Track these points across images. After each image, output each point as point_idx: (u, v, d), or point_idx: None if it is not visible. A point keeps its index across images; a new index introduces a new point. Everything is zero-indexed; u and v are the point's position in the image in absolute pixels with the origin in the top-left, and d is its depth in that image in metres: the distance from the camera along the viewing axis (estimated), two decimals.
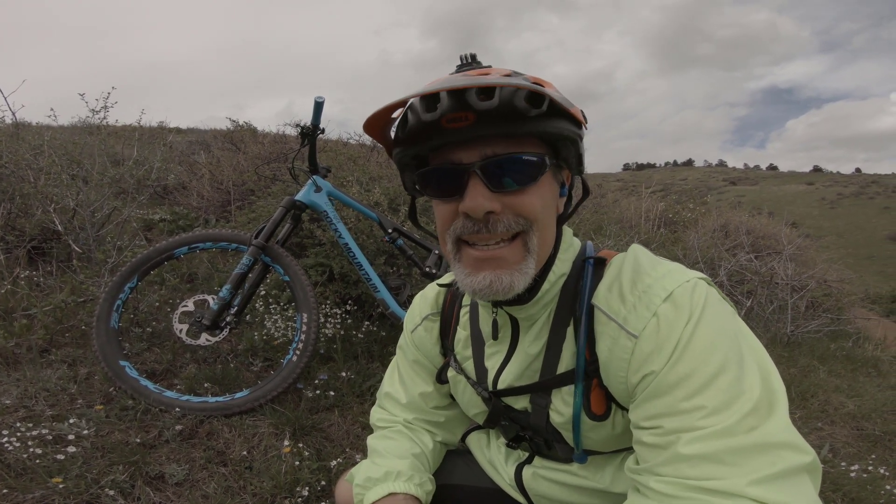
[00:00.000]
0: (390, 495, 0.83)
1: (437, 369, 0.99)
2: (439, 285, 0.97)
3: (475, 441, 1.05)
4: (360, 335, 2.60)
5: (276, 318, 2.61)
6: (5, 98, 3.33)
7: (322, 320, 2.58)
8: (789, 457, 0.58)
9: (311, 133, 2.09)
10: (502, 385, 0.85)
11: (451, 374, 0.95)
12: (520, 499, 0.95)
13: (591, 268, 0.78)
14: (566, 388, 0.78)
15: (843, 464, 2.17)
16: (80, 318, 2.42)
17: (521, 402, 0.85)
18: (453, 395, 0.99)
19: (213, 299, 2.10)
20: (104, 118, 3.50)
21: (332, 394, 2.15)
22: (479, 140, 0.67)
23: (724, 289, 4.75)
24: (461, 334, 0.93)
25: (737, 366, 0.62)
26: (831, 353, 3.89)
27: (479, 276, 0.70)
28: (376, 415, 1.04)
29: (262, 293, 2.79)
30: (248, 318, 2.62)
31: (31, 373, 2.00)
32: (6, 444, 1.58)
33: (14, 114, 3.46)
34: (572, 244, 0.81)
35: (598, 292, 0.74)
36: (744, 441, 0.58)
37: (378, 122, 0.70)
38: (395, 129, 0.73)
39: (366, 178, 3.30)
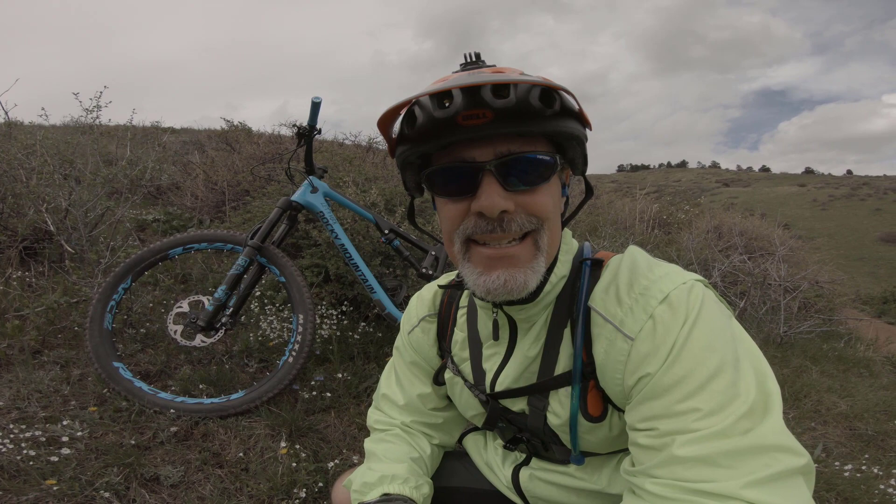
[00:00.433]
0: (385, 496, 0.82)
1: (435, 371, 0.98)
2: (439, 286, 0.97)
3: (472, 443, 1.05)
4: (356, 336, 2.59)
5: (271, 319, 2.60)
6: None
7: (318, 321, 2.58)
8: (784, 459, 0.58)
9: (307, 133, 2.08)
10: (500, 387, 0.85)
11: (449, 375, 0.95)
12: (517, 501, 0.95)
13: (589, 269, 0.78)
14: (563, 390, 0.78)
15: (836, 464, 2.19)
16: (73, 319, 2.40)
17: (518, 404, 0.85)
18: (450, 397, 0.98)
19: (208, 300, 2.08)
20: (97, 118, 3.48)
21: (328, 395, 2.14)
22: (494, 138, 0.66)
23: (717, 289, 4.78)
24: (458, 336, 0.93)
25: (732, 368, 0.62)
26: (823, 353, 3.93)
27: (492, 276, 0.69)
28: (373, 417, 1.03)
29: (258, 294, 2.78)
30: (243, 319, 2.61)
31: (24, 374, 1.98)
32: None
33: (6, 113, 3.43)
34: (571, 246, 0.82)
35: (594, 294, 0.75)
36: (739, 443, 0.58)
37: (390, 120, 0.69)
38: (398, 126, 0.72)
39: (362, 179, 3.30)
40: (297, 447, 1.81)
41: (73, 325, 2.37)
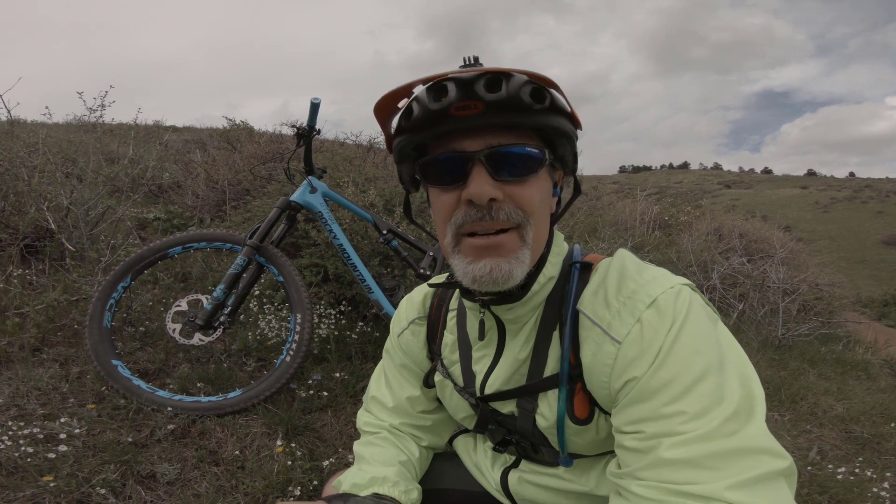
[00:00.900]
0: (375, 496, 0.83)
1: (424, 373, 0.99)
2: (430, 285, 0.97)
3: (462, 445, 1.05)
4: (353, 336, 2.60)
5: (270, 318, 2.61)
6: (0, 96, 3.31)
7: (316, 321, 2.59)
8: (767, 461, 0.59)
9: (306, 134, 2.09)
10: (490, 389, 0.85)
11: (438, 378, 0.95)
12: (506, 503, 0.96)
13: (578, 272, 0.79)
14: (551, 392, 0.79)
15: (830, 466, 2.20)
16: (73, 316, 2.41)
17: (508, 407, 0.85)
18: (440, 400, 0.99)
19: (206, 299, 2.10)
20: (101, 116, 3.49)
21: (325, 394, 2.15)
22: (485, 129, 0.68)
23: (716, 292, 4.78)
24: (448, 338, 0.93)
25: (718, 372, 0.63)
26: (822, 356, 3.93)
27: (479, 264, 0.71)
28: (363, 418, 1.04)
29: (257, 293, 2.79)
30: (241, 318, 2.62)
31: (23, 371, 1.99)
32: None
33: (9, 111, 3.45)
34: (561, 248, 0.82)
35: (583, 297, 0.75)
36: (723, 446, 0.59)
37: (385, 107, 0.72)
38: (397, 119, 0.74)
39: (361, 179, 3.31)
40: (293, 445, 1.82)
41: (72, 323, 2.38)
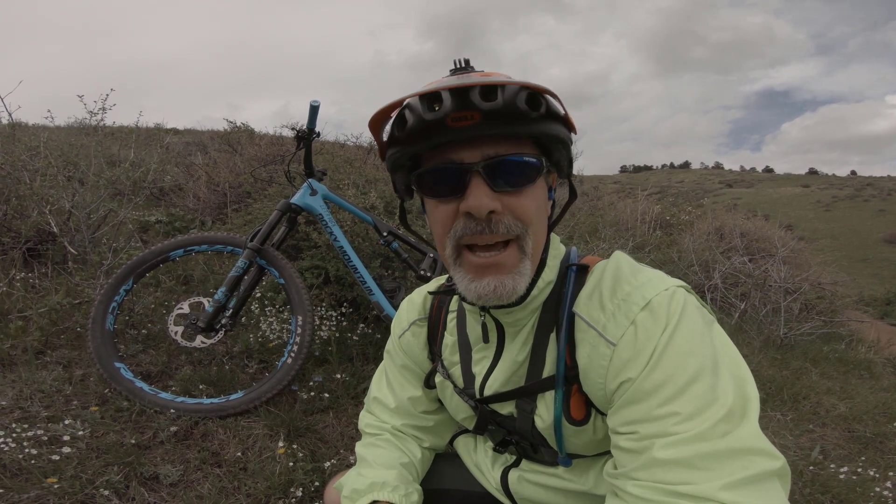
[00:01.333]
0: (374, 503, 0.83)
1: (425, 374, 0.99)
2: (430, 293, 0.98)
3: (463, 445, 1.06)
4: (354, 337, 2.61)
5: (271, 320, 2.62)
6: (2, 99, 3.32)
7: (317, 323, 2.60)
8: (760, 462, 0.59)
9: (306, 136, 2.10)
10: (489, 391, 0.86)
11: (439, 379, 0.96)
12: (505, 502, 0.96)
13: (574, 275, 0.79)
14: (549, 394, 0.80)
15: (832, 466, 2.19)
16: (76, 319, 2.42)
17: (506, 408, 0.86)
18: (441, 400, 1.00)
19: (208, 302, 2.11)
20: (101, 119, 3.51)
21: (326, 396, 2.16)
22: (482, 140, 0.68)
23: (718, 291, 4.78)
24: (448, 340, 0.94)
25: (711, 373, 0.64)
26: (824, 355, 3.92)
27: (483, 282, 0.71)
28: (364, 420, 1.04)
29: (258, 295, 2.80)
30: (243, 320, 2.63)
31: (27, 374, 2.01)
32: (2, 445, 1.58)
33: (10, 115, 3.46)
34: (558, 251, 0.83)
35: (579, 300, 0.76)
36: (716, 446, 0.59)
37: (380, 120, 0.71)
38: (388, 128, 0.73)
39: (362, 181, 3.32)
40: (295, 447, 1.83)
41: (75, 325, 2.40)
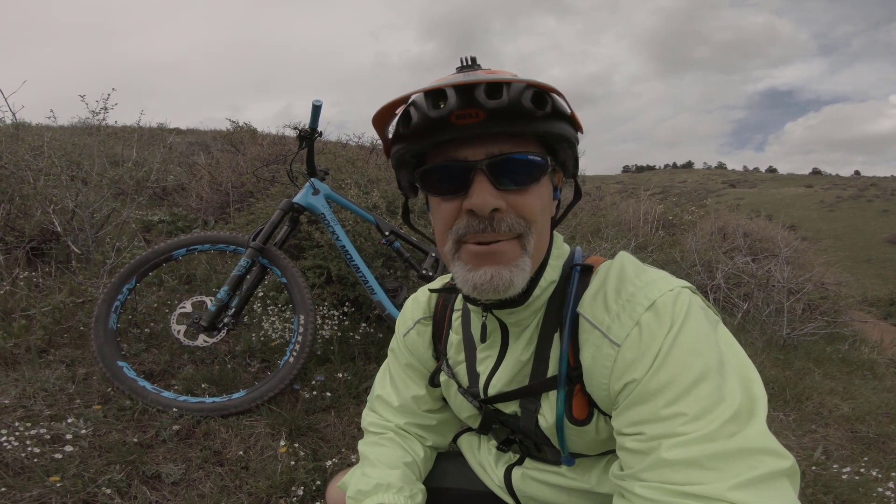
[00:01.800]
0: None
1: (430, 373, 0.99)
2: (430, 290, 0.97)
3: (466, 443, 1.06)
4: (357, 337, 2.61)
5: (273, 319, 2.63)
6: (6, 99, 3.34)
7: (319, 322, 2.60)
8: (769, 461, 0.59)
9: (308, 136, 2.11)
10: (493, 391, 0.86)
11: (444, 378, 0.96)
12: (508, 500, 0.96)
13: (578, 275, 0.79)
14: (552, 393, 0.79)
15: (835, 466, 2.19)
16: (79, 318, 2.43)
17: (510, 407, 0.86)
18: (446, 399, 0.99)
19: (210, 301, 2.11)
20: (104, 119, 3.52)
21: (328, 395, 2.16)
22: (486, 138, 0.67)
23: (721, 291, 4.76)
24: (453, 338, 0.94)
25: (717, 373, 0.63)
26: (827, 355, 3.90)
27: (479, 272, 0.70)
28: (368, 418, 1.04)
29: (260, 295, 2.81)
30: (245, 319, 2.63)
31: (30, 373, 2.01)
32: (4, 443, 1.59)
33: (14, 114, 3.48)
34: (562, 251, 0.82)
35: (583, 300, 0.75)
36: (724, 446, 0.59)
37: (384, 117, 0.70)
38: (394, 125, 0.73)
39: (364, 181, 3.32)
40: (297, 446, 1.83)
41: (78, 324, 2.40)
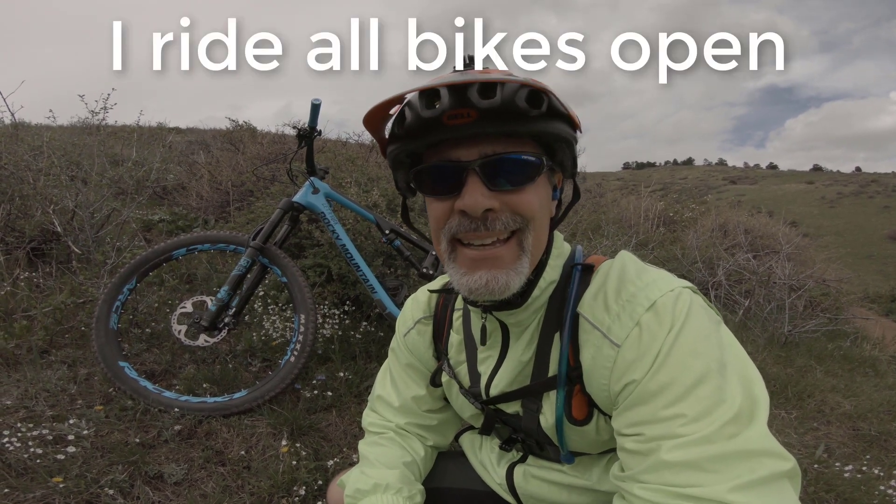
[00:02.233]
0: None
1: (431, 373, 0.99)
2: (430, 291, 0.97)
3: (468, 442, 1.05)
4: (357, 335, 2.61)
5: (274, 318, 2.63)
6: (4, 99, 3.33)
7: (320, 321, 2.60)
8: (770, 463, 0.58)
9: (308, 135, 2.10)
10: (494, 390, 0.85)
11: (445, 378, 0.95)
12: (509, 499, 0.96)
13: (579, 275, 0.78)
14: (553, 393, 0.79)
15: (836, 464, 2.18)
16: (80, 319, 2.43)
17: (512, 407, 0.86)
18: (448, 398, 0.99)
19: (211, 300, 2.11)
20: (103, 119, 3.52)
21: (329, 394, 2.16)
22: (479, 138, 0.66)
23: (722, 288, 4.76)
24: (454, 338, 0.93)
25: (718, 374, 0.63)
26: (829, 352, 3.90)
27: (475, 276, 0.70)
28: (368, 418, 1.04)
29: (261, 294, 2.80)
30: (246, 318, 2.63)
31: (32, 373, 2.01)
32: (7, 445, 1.59)
33: (13, 114, 3.47)
34: (562, 250, 0.82)
35: (583, 300, 0.75)
36: (724, 448, 0.58)
37: (376, 117, 0.70)
38: (390, 125, 0.73)
39: (364, 179, 3.31)
40: (298, 445, 1.83)
41: (80, 325, 2.40)
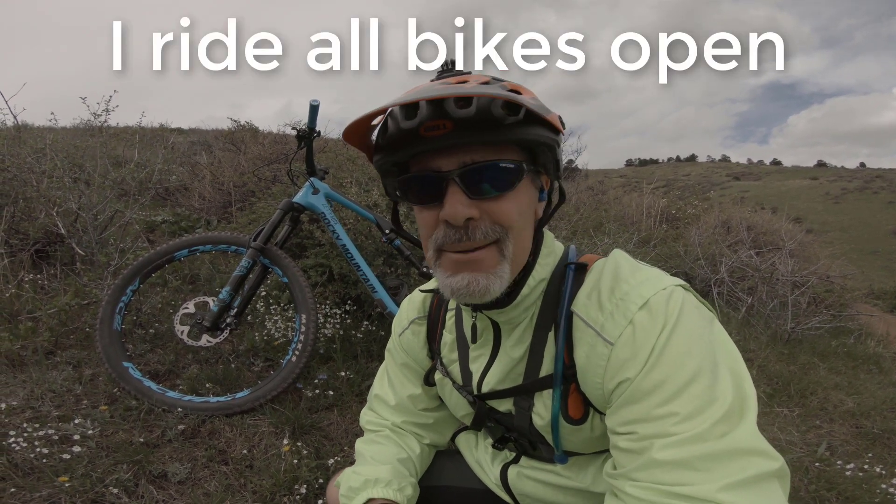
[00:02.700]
0: (369, 501, 0.84)
1: (425, 372, 1.00)
2: (422, 291, 0.98)
3: (464, 441, 1.07)
4: (359, 335, 2.62)
5: (276, 318, 2.64)
6: (6, 101, 3.35)
7: (321, 320, 2.61)
8: (759, 463, 0.59)
9: (307, 136, 2.11)
10: (486, 388, 0.86)
11: (438, 376, 0.97)
12: (505, 498, 0.97)
13: (573, 273, 0.79)
14: (546, 392, 0.80)
15: (838, 462, 2.18)
16: (85, 320, 2.45)
17: (505, 405, 0.86)
18: (441, 397, 1.00)
19: (213, 301, 2.13)
20: (105, 121, 3.53)
21: (331, 393, 2.18)
22: (458, 147, 0.68)
23: (724, 285, 4.74)
24: (447, 338, 0.94)
25: (710, 373, 0.63)
26: (832, 350, 3.88)
27: (457, 277, 0.71)
28: (366, 417, 1.06)
29: (263, 294, 2.82)
30: (248, 318, 2.65)
31: (37, 374, 2.04)
32: (13, 445, 1.61)
33: (16, 117, 3.49)
34: (553, 249, 0.82)
35: (577, 299, 0.76)
36: (715, 447, 0.59)
37: (358, 131, 0.71)
38: (375, 135, 0.74)
39: (365, 179, 3.32)
40: (300, 444, 1.85)
41: (84, 326, 2.43)
